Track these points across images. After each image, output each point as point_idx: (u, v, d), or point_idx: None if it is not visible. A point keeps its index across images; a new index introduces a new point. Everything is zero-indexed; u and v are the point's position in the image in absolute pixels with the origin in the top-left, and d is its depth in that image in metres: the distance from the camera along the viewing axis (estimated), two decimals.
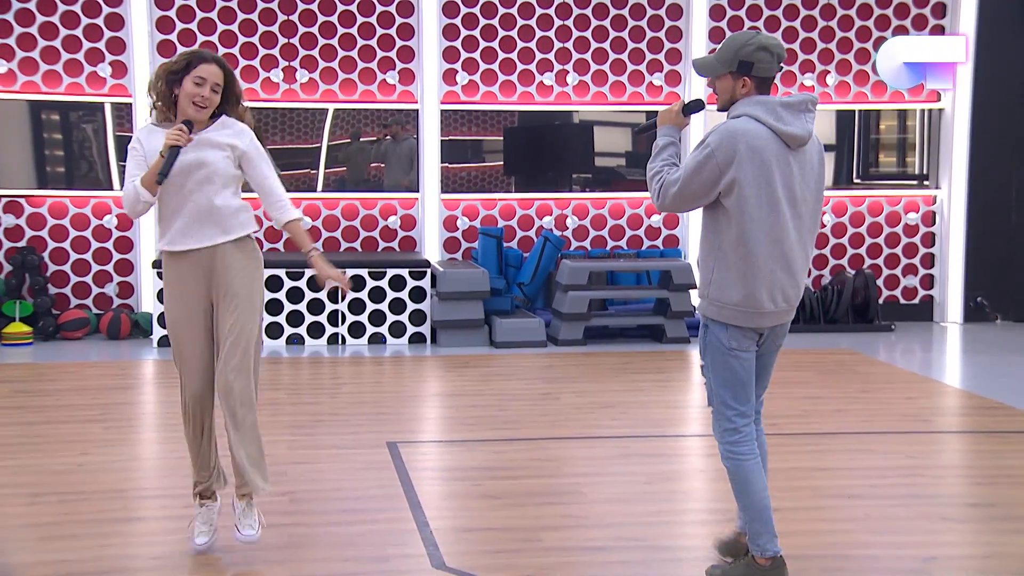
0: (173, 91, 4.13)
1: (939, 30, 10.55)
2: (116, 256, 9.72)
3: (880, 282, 10.61)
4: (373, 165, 10.10)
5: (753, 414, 3.98)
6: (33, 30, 9.49)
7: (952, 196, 10.57)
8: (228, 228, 4.14)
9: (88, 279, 9.75)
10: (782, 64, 3.87)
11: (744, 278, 3.80)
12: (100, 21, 9.56)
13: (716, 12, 10.31)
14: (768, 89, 3.87)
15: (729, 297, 3.83)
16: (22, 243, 9.57)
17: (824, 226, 10.58)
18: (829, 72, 10.49)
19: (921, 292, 10.79)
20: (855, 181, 10.73)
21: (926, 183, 10.75)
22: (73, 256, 9.70)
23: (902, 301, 10.76)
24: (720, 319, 3.86)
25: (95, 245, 9.72)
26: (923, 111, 10.66)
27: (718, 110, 3.94)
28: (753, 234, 3.77)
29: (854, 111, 10.56)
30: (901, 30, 10.51)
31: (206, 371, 4.18)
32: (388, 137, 10.03)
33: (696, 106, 4.00)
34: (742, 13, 10.35)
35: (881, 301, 10.49)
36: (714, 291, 3.86)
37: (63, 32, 9.52)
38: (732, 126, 3.79)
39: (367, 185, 10.05)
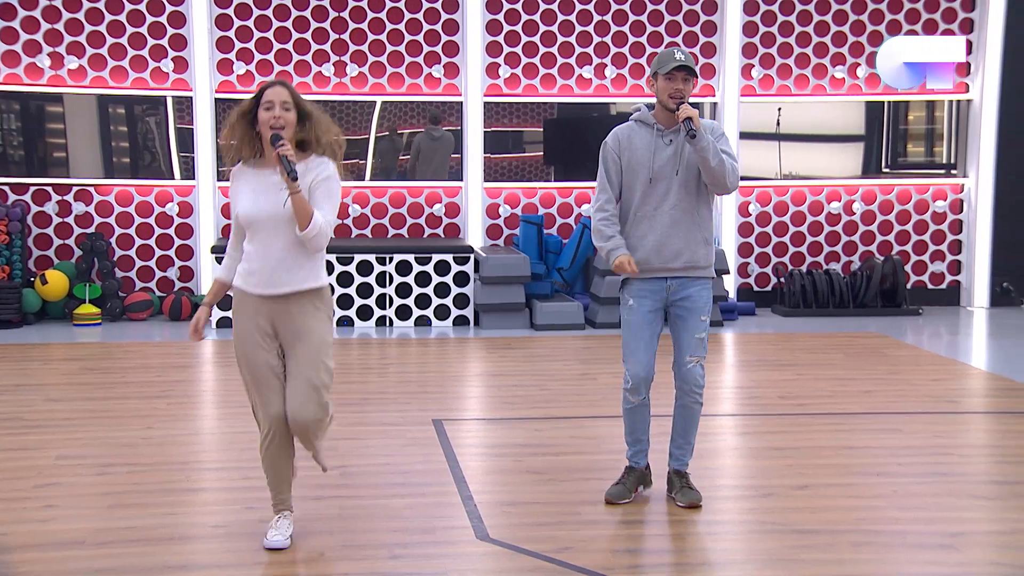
0: (255, 131, 3.97)
1: (967, 24, 10.36)
2: (178, 242, 9.83)
3: (908, 268, 10.47)
4: (403, 157, 10.09)
5: None
6: (102, 28, 9.60)
7: (979, 185, 10.41)
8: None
9: (152, 263, 9.87)
10: None
11: None
12: (163, 19, 9.65)
13: (750, 7, 10.20)
14: None
15: None
16: (91, 229, 9.71)
17: (854, 213, 10.47)
18: (860, 64, 10.34)
19: (948, 277, 10.64)
20: (884, 170, 10.58)
21: (954, 172, 10.59)
22: (138, 242, 9.83)
23: (929, 286, 10.62)
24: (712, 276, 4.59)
25: (158, 231, 9.84)
26: (951, 102, 10.48)
27: (678, 105, 4.47)
28: None
29: (883, 102, 10.41)
30: (930, 24, 10.34)
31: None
32: (422, 131, 10.02)
33: None
34: (775, 8, 10.23)
35: (909, 286, 10.36)
36: (712, 255, 4.56)
37: (129, 30, 9.62)
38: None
39: (397, 175, 10.05)
